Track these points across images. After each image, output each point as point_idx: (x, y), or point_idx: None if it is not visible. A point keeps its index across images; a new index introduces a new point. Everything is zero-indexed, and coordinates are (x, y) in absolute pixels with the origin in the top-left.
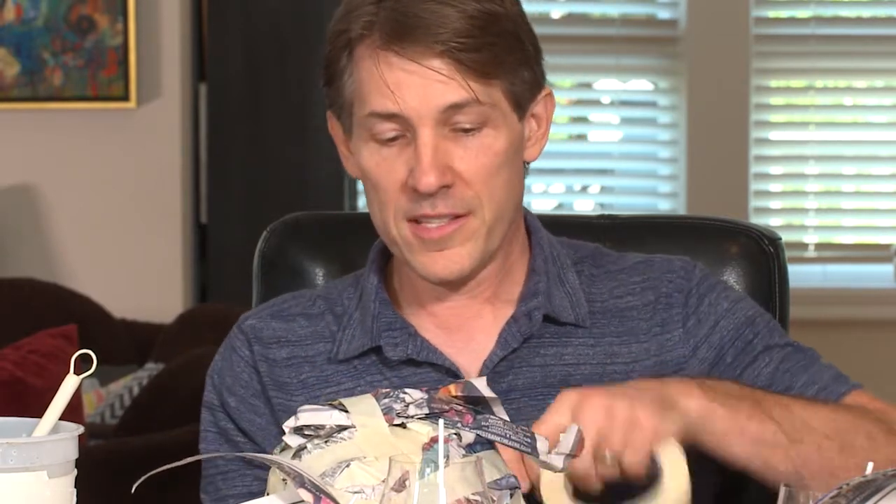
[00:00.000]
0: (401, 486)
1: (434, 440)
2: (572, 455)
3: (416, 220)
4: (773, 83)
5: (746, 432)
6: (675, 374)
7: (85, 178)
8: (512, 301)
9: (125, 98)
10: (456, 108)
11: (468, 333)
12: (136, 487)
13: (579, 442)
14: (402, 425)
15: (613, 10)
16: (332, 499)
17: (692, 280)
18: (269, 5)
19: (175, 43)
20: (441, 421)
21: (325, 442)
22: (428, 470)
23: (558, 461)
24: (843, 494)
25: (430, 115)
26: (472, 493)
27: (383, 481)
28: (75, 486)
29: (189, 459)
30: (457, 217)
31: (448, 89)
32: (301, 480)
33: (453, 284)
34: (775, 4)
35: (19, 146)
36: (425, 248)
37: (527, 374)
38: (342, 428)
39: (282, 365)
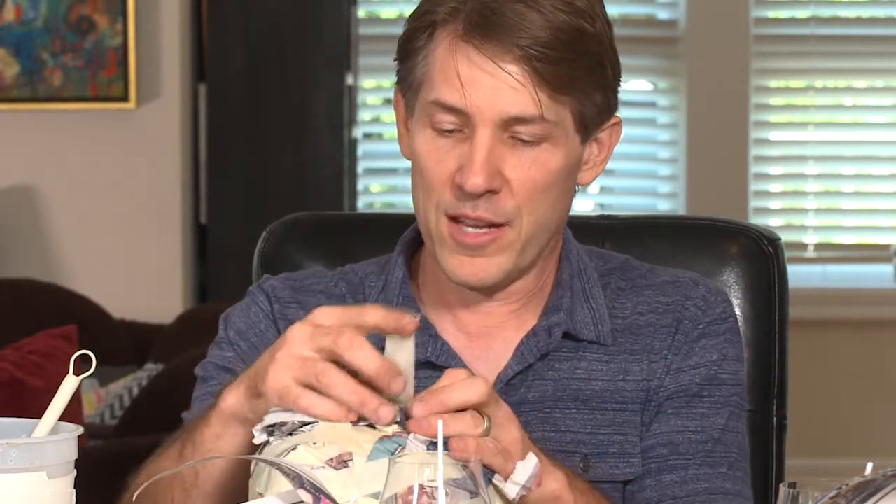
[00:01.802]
0: (340, 464)
1: (397, 434)
2: (527, 487)
3: (455, 220)
4: (773, 83)
5: None
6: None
7: (84, 178)
8: (535, 313)
9: (125, 98)
10: (520, 120)
11: (488, 341)
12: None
13: (536, 476)
14: (371, 425)
15: (613, 11)
16: (331, 499)
17: (707, 316)
18: (269, 5)
19: (174, 43)
20: (440, 422)
21: (290, 434)
22: (380, 455)
23: (512, 490)
24: (843, 495)
25: (492, 118)
26: (429, 481)
27: (326, 462)
28: (75, 487)
29: (191, 463)
30: (493, 226)
31: (517, 98)
32: (300, 481)
33: (478, 291)
34: (775, 5)
35: (19, 147)
36: (458, 250)
37: (539, 388)
38: (305, 424)
39: None
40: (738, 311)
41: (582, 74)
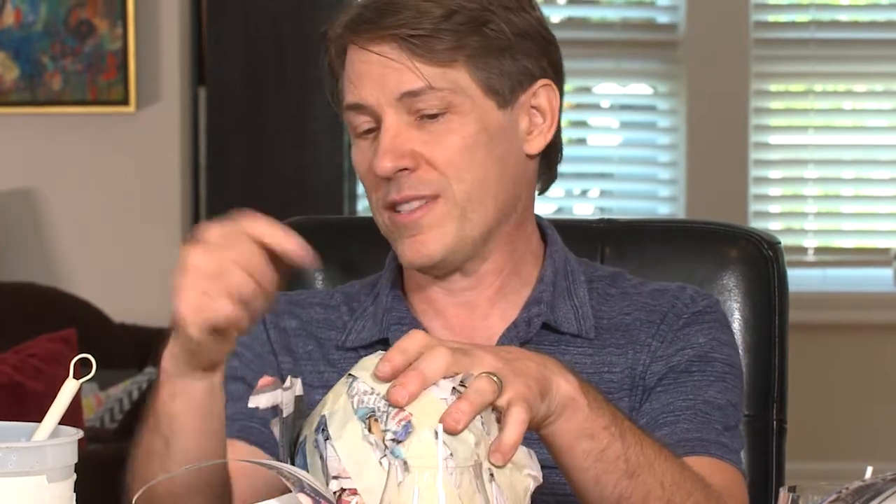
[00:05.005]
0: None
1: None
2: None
3: (393, 208)
4: (773, 87)
5: (596, 440)
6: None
7: (84, 182)
8: (518, 307)
9: (124, 102)
10: (412, 94)
11: (471, 335)
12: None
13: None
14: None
15: (613, 15)
16: (331, 503)
17: (692, 307)
18: (269, 9)
19: (174, 47)
20: (440, 426)
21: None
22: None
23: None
24: (843, 498)
25: (387, 102)
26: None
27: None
28: (75, 491)
29: (190, 466)
30: (427, 202)
31: (402, 77)
32: (301, 485)
33: (437, 271)
34: (775, 9)
35: (19, 150)
36: (401, 233)
37: None
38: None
39: (291, 334)
40: (737, 315)
41: (468, 42)
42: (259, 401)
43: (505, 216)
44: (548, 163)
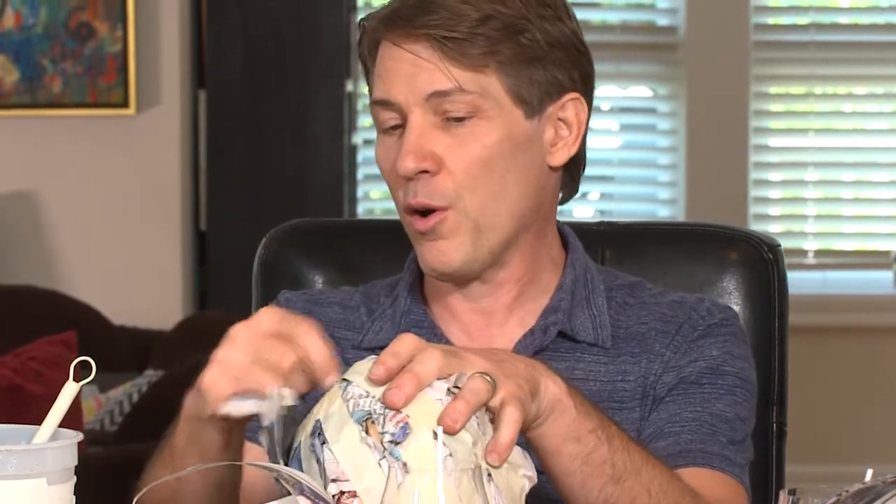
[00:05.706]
0: None
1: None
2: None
3: (412, 212)
4: (773, 90)
5: (583, 443)
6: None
7: (84, 184)
8: (536, 315)
9: (124, 105)
10: (441, 95)
11: (488, 341)
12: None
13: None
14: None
15: (613, 17)
16: None
17: (708, 320)
18: (269, 12)
19: (174, 50)
20: (440, 428)
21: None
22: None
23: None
24: (843, 501)
25: (415, 101)
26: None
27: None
28: (75, 494)
29: (191, 469)
30: (437, 210)
31: (433, 76)
32: (300, 488)
33: (456, 280)
34: (775, 11)
35: (19, 153)
36: (420, 238)
37: None
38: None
39: None
40: None
41: (500, 48)
42: (229, 408)
43: (524, 226)
44: (570, 175)
